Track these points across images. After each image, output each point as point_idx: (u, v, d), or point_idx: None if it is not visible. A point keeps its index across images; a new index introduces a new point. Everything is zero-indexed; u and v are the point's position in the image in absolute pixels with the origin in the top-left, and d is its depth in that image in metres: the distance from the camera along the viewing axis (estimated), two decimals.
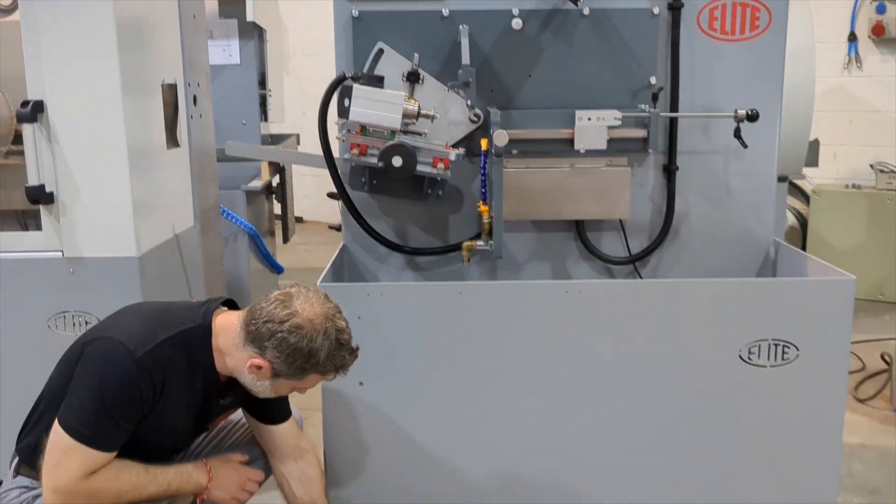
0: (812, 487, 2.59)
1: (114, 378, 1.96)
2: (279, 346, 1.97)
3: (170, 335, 2.03)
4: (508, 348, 2.52)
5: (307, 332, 1.97)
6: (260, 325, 1.99)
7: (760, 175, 2.97)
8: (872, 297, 5.52)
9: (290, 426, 2.37)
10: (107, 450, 1.98)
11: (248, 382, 2.08)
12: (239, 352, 2.04)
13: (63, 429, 1.97)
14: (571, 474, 2.59)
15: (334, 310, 2.05)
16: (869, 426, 3.68)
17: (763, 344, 2.49)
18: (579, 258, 3.04)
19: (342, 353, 2.04)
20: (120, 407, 1.96)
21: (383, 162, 2.59)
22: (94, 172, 2.72)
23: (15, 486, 2.14)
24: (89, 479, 1.97)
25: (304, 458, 2.38)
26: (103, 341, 2.02)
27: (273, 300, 2.02)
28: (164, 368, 2.01)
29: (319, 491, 2.41)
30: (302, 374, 2.03)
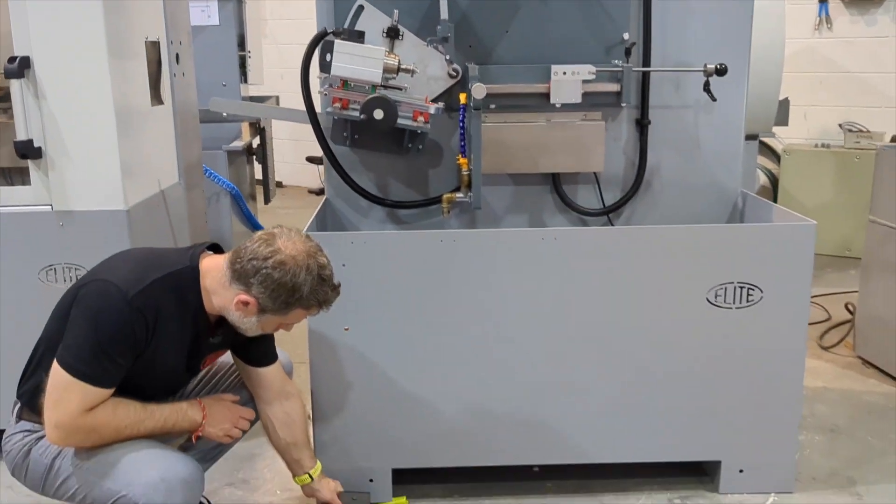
0: (776, 420, 2.73)
1: (108, 318, 2.04)
2: (264, 281, 2.06)
3: (159, 276, 2.11)
4: (487, 293, 2.62)
5: (290, 267, 2.06)
6: (245, 263, 2.08)
7: (729, 129, 3.08)
8: (840, 254, 5.68)
9: (276, 369, 2.46)
10: (104, 386, 2.06)
11: (235, 320, 2.16)
12: (226, 290, 2.13)
13: (62, 367, 2.05)
14: (546, 411, 2.71)
15: (315, 248, 2.14)
16: (832, 371, 3.84)
17: (728, 287, 2.61)
18: (555, 210, 3.14)
19: (325, 288, 2.13)
20: (115, 345, 2.05)
21: (365, 114, 2.66)
22: (81, 128, 2.77)
23: (18, 431, 2.22)
24: (88, 414, 2.06)
25: (289, 401, 2.48)
26: (96, 284, 2.10)
27: (257, 239, 2.11)
28: (156, 308, 2.09)
29: (302, 433, 2.51)
30: (286, 308, 2.12)
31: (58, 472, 2.15)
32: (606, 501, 2.78)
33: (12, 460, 2.21)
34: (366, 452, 2.72)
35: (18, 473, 2.22)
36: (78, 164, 2.80)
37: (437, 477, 2.85)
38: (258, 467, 3.04)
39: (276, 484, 2.93)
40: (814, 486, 2.86)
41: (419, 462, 2.77)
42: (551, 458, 2.78)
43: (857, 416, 3.39)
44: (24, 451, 2.19)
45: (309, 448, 2.55)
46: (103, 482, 2.09)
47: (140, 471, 2.08)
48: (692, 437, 2.75)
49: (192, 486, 2.14)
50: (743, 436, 2.74)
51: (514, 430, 2.72)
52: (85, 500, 2.15)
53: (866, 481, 2.89)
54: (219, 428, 2.27)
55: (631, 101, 2.94)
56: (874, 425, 3.31)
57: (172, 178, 3.35)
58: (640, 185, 3.08)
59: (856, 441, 3.19)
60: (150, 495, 2.05)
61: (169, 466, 2.10)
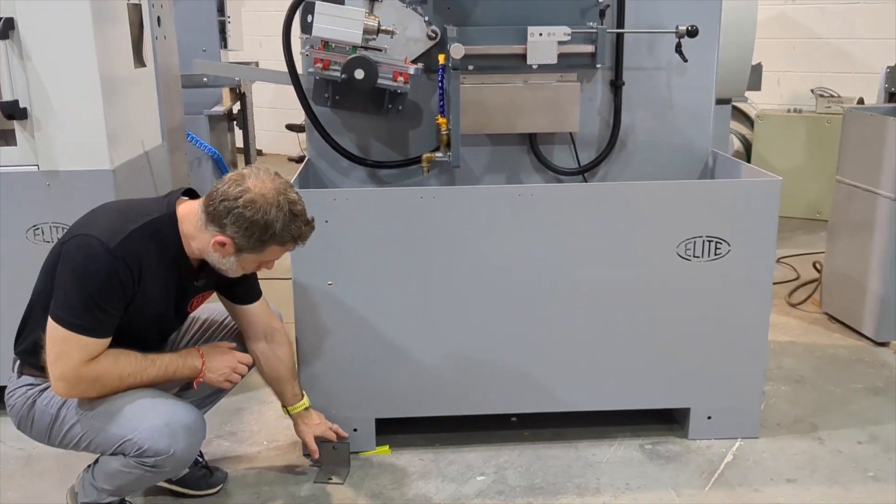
0: (742, 369, 2.85)
1: (94, 269, 2.10)
2: (237, 221, 2.12)
3: (138, 225, 2.17)
4: (465, 248, 2.70)
5: (261, 205, 2.12)
6: (217, 205, 2.14)
7: (700, 90, 3.17)
8: (810, 216, 5.82)
9: (260, 306, 2.53)
10: (100, 336, 2.13)
11: (215, 262, 2.23)
12: (202, 233, 2.19)
13: (56, 322, 2.11)
14: (523, 362, 2.81)
15: (285, 185, 2.20)
16: (799, 326, 3.98)
17: (697, 241, 2.72)
18: (532, 170, 3.23)
19: (297, 223, 2.19)
20: (104, 295, 2.11)
21: (346, 74, 2.73)
22: (66, 88, 2.81)
23: (21, 385, 2.28)
24: (90, 364, 2.13)
25: (274, 338, 2.57)
26: (78, 238, 2.15)
27: (227, 181, 2.17)
28: (138, 255, 2.15)
29: (287, 369, 2.60)
30: (262, 246, 2.18)
31: (63, 420, 2.23)
32: (581, 448, 2.89)
33: (17, 413, 2.27)
34: (350, 403, 2.82)
35: (24, 425, 2.29)
36: (63, 124, 2.84)
37: (418, 427, 2.96)
38: (245, 420, 3.13)
39: (262, 436, 3.03)
40: (778, 432, 2.99)
41: (401, 412, 2.87)
42: (528, 406, 2.89)
43: (822, 368, 3.53)
44: (29, 403, 2.25)
45: (292, 384, 2.63)
46: (109, 428, 2.17)
47: (144, 416, 2.16)
48: (663, 385, 2.86)
49: (195, 431, 2.23)
50: (711, 384, 2.86)
51: (493, 381, 2.83)
52: (90, 447, 2.24)
53: (828, 427, 3.03)
54: (218, 374, 2.35)
55: (605, 63, 3.02)
56: (837, 376, 3.45)
57: (156, 140, 3.40)
58: (614, 144, 3.17)
59: (819, 390, 3.33)
60: (154, 439, 2.14)
61: (172, 412, 2.19)
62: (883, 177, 3.61)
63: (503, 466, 2.79)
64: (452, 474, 2.75)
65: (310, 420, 2.68)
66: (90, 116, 2.84)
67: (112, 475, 2.23)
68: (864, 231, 3.73)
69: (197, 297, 2.42)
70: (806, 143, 5.84)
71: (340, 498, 2.63)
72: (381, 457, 2.85)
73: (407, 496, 2.63)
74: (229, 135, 5.42)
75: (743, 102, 5.92)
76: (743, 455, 2.84)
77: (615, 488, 2.66)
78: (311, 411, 2.68)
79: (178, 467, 2.27)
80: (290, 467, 2.81)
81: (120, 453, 2.19)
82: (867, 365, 3.55)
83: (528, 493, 2.63)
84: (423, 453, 2.87)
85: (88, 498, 2.33)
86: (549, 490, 2.65)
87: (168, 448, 2.15)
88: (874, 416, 3.10)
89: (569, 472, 2.75)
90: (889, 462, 2.80)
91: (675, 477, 2.72)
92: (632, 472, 2.74)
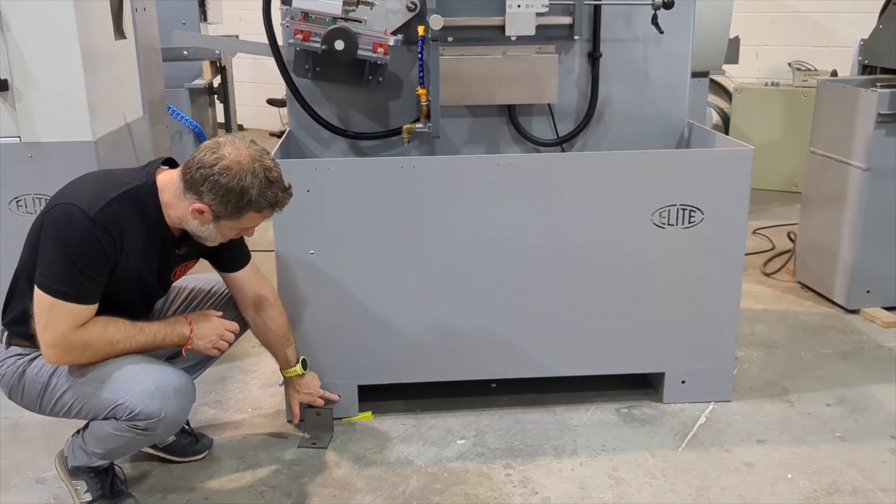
0: (715, 334, 2.93)
1: (76, 237, 2.12)
2: (213, 188, 2.15)
3: (118, 194, 2.19)
4: (445, 217, 2.75)
5: (236, 172, 2.14)
6: (193, 173, 2.16)
7: (676, 62, 3.22)
8: (787, 189, 5.90)
9: (248, 272, 2.57)
10: (86, 302, 2.16)
11: (194, 229, 2.25)
12: (181, 202, 2.22)
13: (43, 291, 2.14)
14: (503, 328, 2.87)
15: (261, 152, 2.22)
16: (773, 295, 4.07)
17: (672, 209, 2.78)
18: (511, 141, 3.27)
19: (273, 189, 2.21)
20: (87, 262, 2.14)
21: (326, 45, 2.75)
22: (47, 60, 2.83)
23: (10, 355, 2.31)
24: (79, 331, 2.16)
25: (264, 304, 2.61)
26: (59, 208, 2.17)
27: (203, 149, 2.19)
28: (119, 223, 2.17)
29: (276, 336, 2.65)
30: (239, 213, 2.20)
31: (54, 388, 2.26)
32: (559, 411, 2.97)
33: (7, 383, 2.30)
34: (333, 370, 2.87)
35: (15, 395, 2.32)
36: (45, 95, 2.86)
37: (400, 393, 3.02)
38: (230, 388, 3.19)
39: (247, 403, 3.08)
40: (750, 395, 3.08)
41: (384, 378, 2.93)
42: (508, 372, 2.96)
43: (794, 334, 3.62)
44: (19, 372, 2.28)
45: (283, 350, 2.68)
46: (100, 392, 2.21)
47: (135, 381, 2.20)
48: (638, 351, 2.94)
49: (185, 394, 2.27)
50: (685, 349, 2.94)
51: (473, 347, 2.89)
52: (81, 413, 2.27)
53: (798, 390, 3.12)
54: (206, 340, 2.38)
55: (583, 34, 3.06)
56: (808, 341, 3.55)
57: (137, 112, 3.42)
58: (591, 115, 3.22)
59: (791, 355, 3.42)
60: (146, 402, 2.18)
61: (163, 377, 2.23)
62: (855, 147, 3.69)
63: (483, 430, 2.86)
64: (434, 438, 2.82)
65: (299, 386, 2.74)
66: (71, 88, 2.86)
67: (103, 439, 2.27)
68: (837, 201, 3.81)
69: (179, 266, 2.44)
70: (783, 117, 5.92)
71: (324, 461, 2.69)
72: (363, 422, 2.92)
73: (389, 459, 2.69)
74: (210, 109, 5.42)
75: (721, 76, 5.97)
76: (716, 417, 2.92)
77: (591, 450, 2.73)
78: (305, 378, 2.75)
79: (169, 430, 2.32)
80: (274, 433, 2.87)
81: (111, 417, 2.22)
82: (837, 331, 3.65)
83: (507, 455, 2.71)
84: (405, 418, 2.94)
85: (78, 462, 2.38)
86: (527, 452, 2.72)
87: (159, 411, 2.19)
88: (843, 380, 3.20)
89: (546, 434, 2.83)
90: (855, 423, 2.89)
91: (650, 439, 2.80)
92: (607, 435, 2.82)
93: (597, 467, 2.64)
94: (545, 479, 2.58)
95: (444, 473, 2.61)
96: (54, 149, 2.90)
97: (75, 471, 2.41)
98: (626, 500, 2.47)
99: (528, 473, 2.61)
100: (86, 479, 2.41)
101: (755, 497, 2.48)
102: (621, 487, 2.53)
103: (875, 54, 3.89)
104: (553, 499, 2.48)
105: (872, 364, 3.33)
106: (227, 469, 2.66)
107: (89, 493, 2.41)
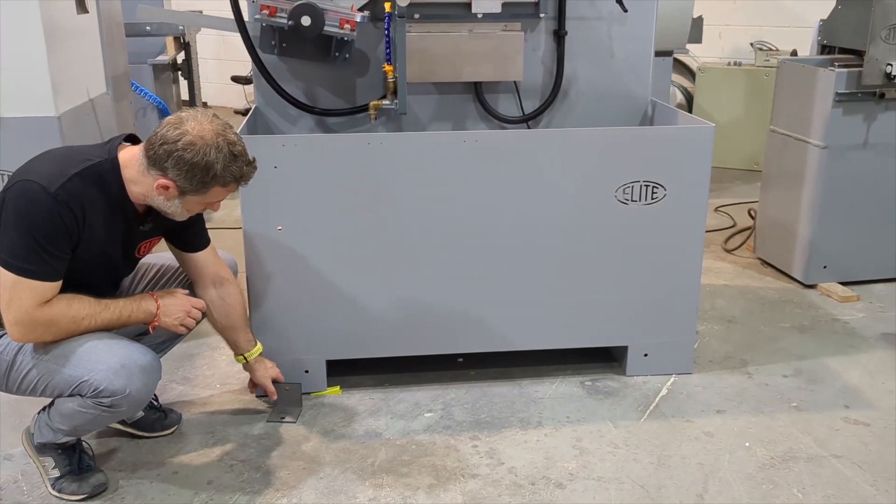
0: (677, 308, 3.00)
1: (37, 213, 2.11)
2: (177, 164, 2.15)
3: (79, 170, 2.17)
4: (412, 193, 2.78)
5: (200, 147, 2.14)
6: (157, 149, 2.16)
7: (640, 40, 3.26)
8: (748, 167, 6.00)
9: (208, 254, 2.57)
10: (49, 280, 2.15)
11: (160, 205, 2.25)
12: (145, 178, 2.21)
13: (4, 268, 2.12)
14: (469, 303, 2.91)
15: (224, 126, 2.22)
16: (733, 270, 4.16)
17: (635, 185, 2.83)
18: (478, 118, 3.30)
19: (238, 163, 2.21)
20: (49, 238, 2.12)
21: (292, 21, 2.75)
22: (9, 35, 2.79)
23: None
24: (44, 308, 2.15)
25: (224, 286, 2.61)
26: (20, 185, 2.15)
27: (166, 124, 2.18)
28: (80, 199, 2.16)
29: (238, 317, 2.66)
30: (204, 188, 2.21)
31: (20, 367, 2.25)
32: (525, 385, 3.02)
33: None
34: (301, 345, 2.89)
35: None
36: (7, 70, 2.82)
37: (368, 368, 3.05)
38: (197, 365, 3.19)
39: (215, 379, 3.09)
40: (710, 368, 3.16)
41: (352, 353, 2.96)
42: (474, 346, 3.00)
43: (753, 309, 3.71)
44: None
45: (245, 331, 2.70)
46: (65, 370, 2.20)
47: (100, 358, 2.19)
48: (602, 324, 3.00)
49: (151, 372, 2.27)
50: (647, 323, 3.01)
51: (440, 322, 2.93)
52: (47, 391, 2.26)
53: (756, 363, 3.21)
54: (173, 318, 2.37)
55: (549, 12, 3.10)
56: (767, 315, 3.64)
57: (100, 88, 3.39)
58: (557, 93, 3.25)
59: (750, 329, 3.51)
60: (111, 379, 2.18)
61: (128, 354, 2.23)
62: (813, 126, 3.77)
63: (450, 404, 2.90)
64: (401, 412, 2.86)
65: (262, 365, 2.75)
66: (33, 63, 2.83)
67: (68, 415, 2.27)
68: (795, 179, 3.90)
69: (144, 243, 2.44)
70: (745, 96, 6.00)
71: (293, 435, 2.71)
72: (332, 397, 2.95)
73: (357, 433, 2.73)
74: (174, 86, 5.37)
75: (685, 55, 6.04)
76: (677, 389, 3.00)
77: (556, 422, 2.79)
78: (262, 359, 2.75)
79: (134, 407, 2.32)
80: (242, 409, 2.89)
81: (77, 394, 2.22)
82: (795, 305, 3.74)
83: (474, 428, 2.75)
84: (373, 393, 2.97)
85: (44, 438, 2.38)
86: (493, 424, 2.77)
87: (124, 388, 2.19)
88: (799, 353, 3.29)
89: (512, 407, 2.88)
90: (811, 393, 2.98)
91: (613, 410, 2.86)
92: (572, 407, 2.88)
93: (561, 438, 2.69)
94: (511, 449, 2.63)
95: (411, 446, 2.65)
96: (17, 124, 2.87)
97: (42, 447, 2.41)
98: (590, 469, 2.53)
99: (495, 445, 2.66)
100: (53, 456, 2.41)
101: (714, 464, 2.55)
102: (585, 457, 2.59)
103: (834, 34, 3.97)
104: (519, 469, 2.53)
105: (828, 337, 3.43)
106: (196, 444, 2.68)
107: (57, 469, 2.41)
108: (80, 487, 2.40)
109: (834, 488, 2.44)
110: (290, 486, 2.46)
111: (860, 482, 2.47)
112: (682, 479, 2.49)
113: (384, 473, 2.51)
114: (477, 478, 2.49)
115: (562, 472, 2.52)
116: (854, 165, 3.76)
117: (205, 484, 2.47)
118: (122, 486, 2.46)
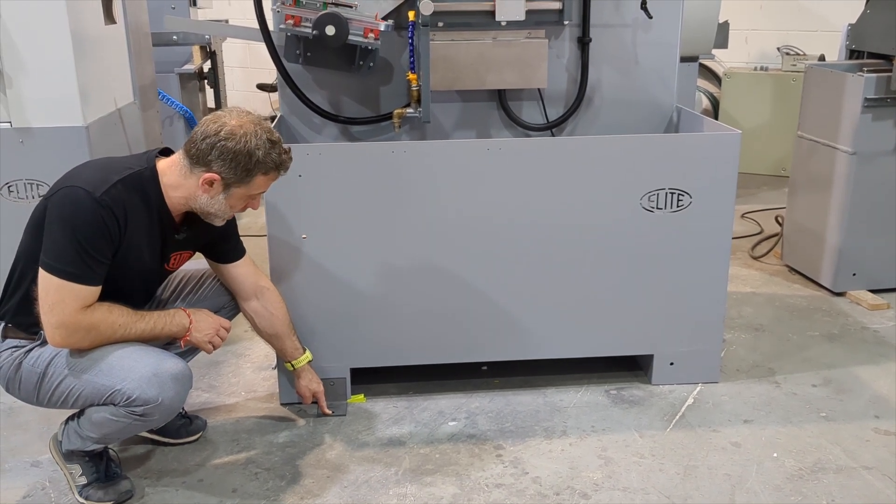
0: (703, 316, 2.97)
1: (82, 218, 2.15)
2: (222, 154, 2.21)
3: (122, 177, 2.23)
4: (436, 201, 2.78)
5: (240, 135, 2.21)
6: (199, 144, 2.22)
7: (665, 46, 3.23)
8: (775, 173, 5.94)
9: (245, 264, 2.61)
10: (92, 283, 2.18)
11: (204, 205, 2.29)
12: (188, 179, 2.26)
13: (49, 273, 2.15)
14: (494, 311, 2.90)
15: (259, 117, 2.30)
16: (760, 278, 4.11)
17: (661, 193, 2.81)
18: (501, 126, 3.29)
19: (277, 149, 2.28)
20: (93, 241, 2.16)
21: (317, 31, 2.76)
22: (38, 45, 2.83)
23: (6, 349, 2.31)
24: (86, 312, 2.18)
25: (265, 295, 2.64)
26: (64, 191, 2.20)
27: (204, 122, 2.26)
28: (123, 205, 2.20)
29: (283, 324, 2.68)
30: (248, 176, 2.25)
31: (51, 377, 2.27)
32: (549, 394, 3.01)
33: (4, 376, 2.31)
34: (326, 354, 2.90)
35: (12, 387, 2.33)
36: (35, 81, 2.86)
37: (392, 376, 3.06)
38: (223, 373, 3.21)
39: (240, 387, 3.11)
40: (737, 377, 3.12)
41: (375, 362, 2.96)
42: (499, 355, 2.99)
43: (781, 317, 3.66)
44: (15, 364, 2.29)
45: (291, 339, 2.72)
46: (97, 379, 2.22)
47: (133, 367, 2.22)
48: (627, 333, 2.98)
49: (182, 381, 2.29)
50: (673, 331, 2.98)
51: (464, 330, 2.92)
52: (79, 401, 2.28)
53: (784, 371, 3.17)
54: (203, 334, 2.41)
55: (573, 19, 3.08)
56: (795, 324, 3.59)
57: (128, 98, 3.42)
58: (581, 100, 3.23)
59: (778, 337, 3.46)
60: (143, 388, 2.20)
61: (160, 363, 2.25)
62: (841, 131, 3.72)
63: (474, 412, 2.89)
64: (425, 420, 2.85)
65: (307, 375, 2.78)
66: (62, 73, 2.87)
67: (99, 424, 2.29)
68: (824, 185, 3.85)
69: (176, 254, 2.46)
70: (772, 101, 5.95)
71: (317, 443, 2.72)
72: (356, 405, 2.95)
73: (381, 441, 2.73)
74: (200, 94, 5.42)
75: (711, 60, 5.99)
76: (703, 398, 2.97)
77: (581, 431, 2.77)
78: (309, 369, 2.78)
79: (166, 416, 2.33)
80: (268, 416, 2.90)
81: (109, 403, 2.24)
82: (824, 314, 3.69)
83: (498, 437, 2.74)
84: (397, 401, 2.97)
85: (73, 446, 2.40)
86: (517, 433, 2.76)
87: (157, 397, 2.21)
88: (828, 362, 3.25)
89: (537, 416, 2.86)
90: (840, 403, 2.94)
91: (638, 419, 2.84)
92: (597, 416, 2.86)
93: (586, 448, 2.68)
94: (535, 459, 2.62)
95: (435, 454, 2.65)
96: (45, 134, 2.91)
97: (70, 455, 2.43)
98: (616, 479, 2.51)
99: (519, 454, 2.64)
100: (80, 463, 2.43)
101: (741, 475, 2.52)
102: (610, 467, 2.57)
103: (862, 39, 3.91)
104: (543, 479, 2.51)
105: (857, 346, 3.38)
106: (221, 451, 2.69)
107: (84, 477, 2.43)
108: (107, 494, 2.42)
109: (864, 500, 2.40)
110: (315, 494, 2.46)
111: (891, 494, 2.43)
112: (708, 490, 2.46)
113: (408, 482, 2.51)
114: (501, 487, 2.48)
115: (587, 482, 2.50)
116: (883, 171, 3.71)
117: (230, 492, 2.48)
118: (147, 494, 2.47)
